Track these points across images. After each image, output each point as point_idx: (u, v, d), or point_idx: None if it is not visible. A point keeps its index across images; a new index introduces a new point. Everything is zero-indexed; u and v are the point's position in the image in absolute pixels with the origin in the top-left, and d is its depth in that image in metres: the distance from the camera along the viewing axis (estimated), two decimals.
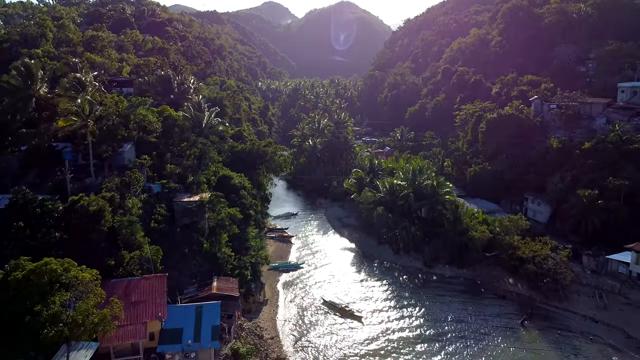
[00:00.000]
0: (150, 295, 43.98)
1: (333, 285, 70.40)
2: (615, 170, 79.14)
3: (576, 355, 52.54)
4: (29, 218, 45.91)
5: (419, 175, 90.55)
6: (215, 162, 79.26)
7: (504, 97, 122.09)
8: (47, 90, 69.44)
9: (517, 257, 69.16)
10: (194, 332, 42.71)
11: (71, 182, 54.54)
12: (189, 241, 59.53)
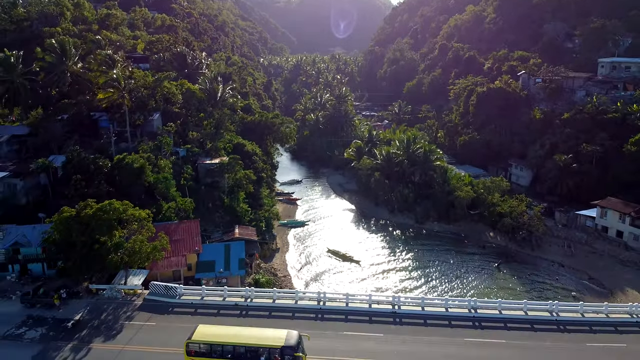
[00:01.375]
0: (188, 235, 53.65)
1: (336, 238, 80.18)
2: (589, 138, 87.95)
3: (541, 290, 62.44)
4: (83, 172, 55.15)
5: (412, 143, 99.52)
6: (230, 131, 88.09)
7: (495, 72, 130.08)
8: (80, 66, 77.86)
9: (497, 213, 78.81)
10: (224, 263, 52.58)
11: (110, 146, 63.66)
12: (212, 197, 69.00)
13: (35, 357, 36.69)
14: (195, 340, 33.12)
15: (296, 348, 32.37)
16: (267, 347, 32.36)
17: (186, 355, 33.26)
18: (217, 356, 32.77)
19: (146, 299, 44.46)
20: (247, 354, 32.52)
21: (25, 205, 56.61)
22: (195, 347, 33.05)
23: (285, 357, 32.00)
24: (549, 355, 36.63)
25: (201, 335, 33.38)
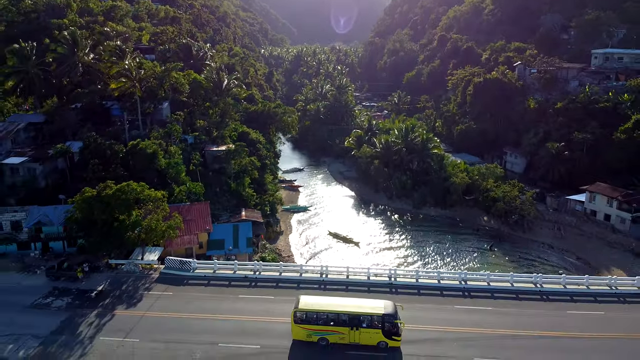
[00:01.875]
0: (199, 216, 57.23)
1: (336, 222, 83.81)
2: (581, 127, 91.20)
3: (530, 267, 66.19)
4: (100, 157, 58.63)
5: (411, 132, 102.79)
6: (235, 120, 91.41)
7: (492, 63, 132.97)
8: (92, 57, 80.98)
9: (490, 198, 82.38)
10: (233, 241, 56.26)
11: (123, 133, 67.07)
12: (219, 182, 72.55)
13: (63, 322, 40.39)
14: (302, 309, 36.14)
15: (395, 316, 35.67)
16: (369, 314, 35.66)
17: (293, 323, 36.22)
18: (321, 323, 35.82)
19: (162, 273, 48.14)
20: (349, 321, 35.68)
21: (44, 188, 60.09)
22: (302, 315, 36.00)
23: (386, 324, 35.23)
24: (532, 320, 40.33)
25: (306, 305, 36.48)
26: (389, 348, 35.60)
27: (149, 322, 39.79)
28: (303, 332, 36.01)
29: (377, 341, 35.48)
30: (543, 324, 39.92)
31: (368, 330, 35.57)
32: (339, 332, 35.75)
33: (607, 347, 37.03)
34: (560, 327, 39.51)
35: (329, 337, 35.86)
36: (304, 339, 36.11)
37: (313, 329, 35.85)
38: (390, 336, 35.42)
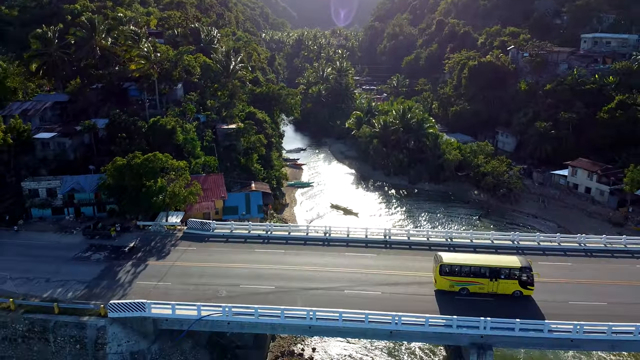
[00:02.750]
0: (214, 185, 63.49)
1: (337, 196, 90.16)
2: (568, 107, 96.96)
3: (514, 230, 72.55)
4: (124, 132, 64.65)
5: (408, 113, 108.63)
6: (242, 101, 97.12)
7: (487, 47, 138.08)
8: (110, 41, 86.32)
9: (480, 173, 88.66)
10: (246, 207, 62.63)
11: (142, 111, 72.97)
12: (229, 158, 78.58)
13: (103, 270, 46.90)
14: (447, 263, 40.99)
15: (531, 268, 40.53)
16: (508, 267, 40.65)
17: (439, 274, 41.11)
18: (464, 275, 40.71)
19: (185, 232, 54.52)
20: (490, 273, 40.61)
21: (73, 161, 66.20)
22: (446, 268, 40.98)
23: (523, 275, 40.24)
24: None
25: (450, 259, 41.52)
26: (522, 296, 40.71)
27: (178, 270, 46.32)
28: (447, 282, 41.12)
29: (513, 290, 40.57)
30: None
31: (506, 281, 40.60)
32: (479, 283, 40.84)
33: (570, 289, 43.51)
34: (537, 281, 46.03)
35: (470, 287, 40.88)
36: (446, 288, 41.21)
37: (456, 280, 40.92)
38: (525, 286, 40.57)
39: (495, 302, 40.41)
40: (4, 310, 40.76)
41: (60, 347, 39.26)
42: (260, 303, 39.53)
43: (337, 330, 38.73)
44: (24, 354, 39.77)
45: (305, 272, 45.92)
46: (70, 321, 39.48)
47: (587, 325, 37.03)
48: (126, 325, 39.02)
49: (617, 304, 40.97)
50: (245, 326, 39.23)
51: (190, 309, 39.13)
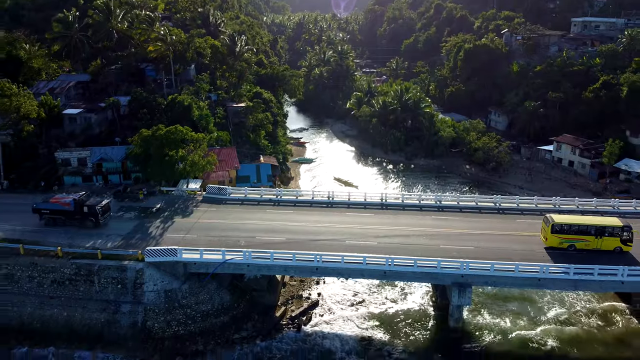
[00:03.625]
0: (228, 157, 70.02)
1: (339, 171, 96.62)
2: (556, 87, 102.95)
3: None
4: (145, 108, 70.92)
5: (405, 93, 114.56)
6: (249, 82, 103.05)
7: (483, 30, 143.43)
8: (125, 24, 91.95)
9: (472, 148, 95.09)
10: (256, 176, 69.33)
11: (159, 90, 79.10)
12: (239, 134, 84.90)
13: (135, 226, 53.73)
14: (559, 223, 47.02)
15: (631, 227, 45.97)
16: (612, 226, 46.49)
17: (550, 233, 47.04)
18: (573, 233, 46.55)
19: (205, 196, 61.18)
20: (595, 231, 46.38)
21: (98, 134, 72.65)
22: (557, 227, 46.80)
23: (625, 233, 45.84)
24: (488, 224, 53.74)
25: (561, 220, 47.54)
26: (622, 252, 46.52)
27: (201, 225, 53.17)
28: (557, 240, 47.19)
29: (614, 247, 46.34)
30: (497, 227, 53.43)
31: (609, 239, 46.31)
32: (586, 240, 46.66)
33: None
34: (510, 228, 53.06)
35: (577, 244, 46.79)
36: (556, 245, 47.33)
37: (565, 238, 46.90)
38: (625, 243, 46.22)
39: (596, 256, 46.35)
40: (53, 257, 47.64)
41: (104, 287, 46.22)
42: (275, 250, 46.46)
43: (339, 271, 45.69)
44: (71, 294, 46.71)
45: (311, 227, 52.82)
46: (112, 265, 46.39)
47: (552, 267, 43.92)
48: (160, 268, 45.90)
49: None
50: (262, 268, 46.20)
51: (215, 254, 46.00)
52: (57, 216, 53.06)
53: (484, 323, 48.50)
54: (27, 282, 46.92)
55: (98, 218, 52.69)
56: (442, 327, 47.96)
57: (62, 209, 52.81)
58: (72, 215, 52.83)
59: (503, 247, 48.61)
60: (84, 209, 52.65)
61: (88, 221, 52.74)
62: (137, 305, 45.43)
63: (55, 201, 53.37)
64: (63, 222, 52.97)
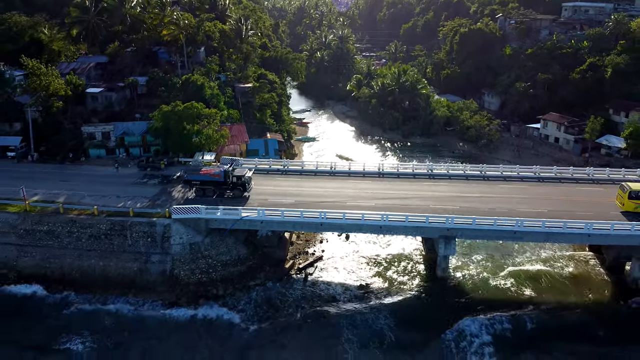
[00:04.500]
0: (238, 132, 76.21)
1: (340, 148, 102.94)
2: (545, 69, 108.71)
3: None
4: (162, 87, 76.91)
5: (403, 75, 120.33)
6: (255, 64, 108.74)
7: (479, 15, 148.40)
8: (137, 9, 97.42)
9: (465, 126, 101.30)
10: (265, 150, 75.61)
11: (173, 71, 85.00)
12: (247, 113, 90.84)
13: (160, 190, 60.27)
14: (636, 190, 52.43)
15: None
16: None
17: (627, 199, 52.48)
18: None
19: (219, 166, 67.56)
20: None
21: (118, 111, 78.72)
22: (634, 194, 52.28)
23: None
24: (474, 189, 60.32)
25: (636, 187, 52.64)
26: None
27: None
28: (633, 205, 52.77)
29: None
30: (482, 190, 59.98)
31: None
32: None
33: (521, 201, 56.85)
34: (493, 192, 59.61)
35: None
36: (631, 210, 52.83)
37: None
38: None
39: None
40: (89, 215, 54.23)
41: (135, 240, 52.89)
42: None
43: (341, 226, 52.40)
44: (106, 247, 53.39)
45: (316, 191, 59.39)
46: (143, 221, 53.02)
47: (527, 221, 50.52)
48: (185, 224, 52.50)
49: (554, 210, 54.31)
50: (274, 224, 52.82)
51: (233, 212, 52.54)
52: (207, 186, 57.09)
53: (468, 273, 55.34)
54: (67, 237, 53.58)
55: (245, 187, 57.04)
56: (430, 276, 54.82)
57: (213, 179, 56.86)
58: (221, 185, 57.18)
59: (485, 207, 55.11)
60: (232, 179, 57.10)
61: (236, 190, 57.19)
62: (166, 256, 52.18)
63: (205, 172, 57.28)
64: (212, 192, 57.37)
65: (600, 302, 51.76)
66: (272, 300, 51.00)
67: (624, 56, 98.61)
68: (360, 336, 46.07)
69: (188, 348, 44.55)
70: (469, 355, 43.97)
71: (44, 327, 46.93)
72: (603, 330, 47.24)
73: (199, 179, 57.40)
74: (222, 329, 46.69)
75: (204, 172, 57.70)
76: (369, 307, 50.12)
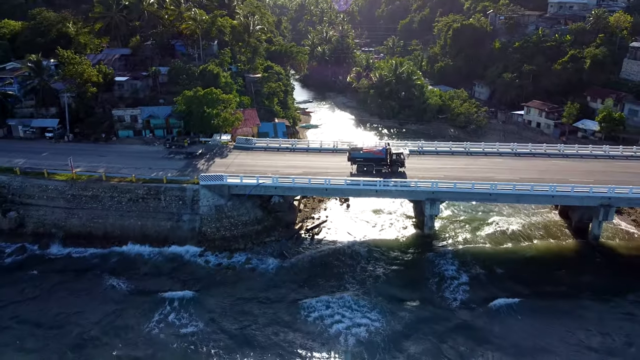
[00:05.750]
0: (250, 117, 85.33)
1: (341, 135, 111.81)
2: (531, 61, 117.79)
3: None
4: (183, 74, 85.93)
5: (399, 67, 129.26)
6: (262, 56, 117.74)
7: (471, 11, 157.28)
8: (155, 6, 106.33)
9: (456, 113, 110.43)
10: (274, 132, 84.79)
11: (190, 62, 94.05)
12: (256, 101, 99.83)
13: (185, 164, 69.38)
14: None
15: None
16: None
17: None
18: None
19: (235, 145, 76.68)
20: None
21: (142, 98, 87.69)
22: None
23: None
24: (457, 162, 69.60)
25: None
26: None
27: (236, 163, 68.93)
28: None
29: None
30: (464, 163, 69.26)
31: None
32: None
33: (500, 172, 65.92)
34: (475, 165, 68.83)
35: None
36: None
37: None
38: None
39: None
40: (128, 182, 63.39)
41: (169, 203, 62.11)
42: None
43: (343, 191, 61.70)
44: (143, 209, 62.53)
45: (321, 164, 68.61)
46: (175, 187, 62.22)
47: (500, 185, 59.71)
48: (211, 189, 61.65)
49: (525, 178, 63.43)
50: (286, 189, 61.99)
51: (251, 180, 61.69)
52: (368, 163, 63.60)
53: (451, 233, 64.70)
54: (109, 200, 62.77)
55: (404, 163, 63.75)
56: (419, 234, 64.12)
57: (375, 157, 63.44)
58: (381, 162, 63.59)
59: (467, 175, 64.28)
60: (392, 157, 63.84)
61: (394, 166, 63.79)
62: (195, 216, 61.41)
63: (368, 151, 64.24)
64: (373, 168, 63.81)
65: (565, 256, 60.90)
66: (285, 252, 60.21)
67: (602, 48, 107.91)
68: (359, 277, 55.39)
69: (222, 284, 53.88)
70: (448, 291, 53.24)
71: (94, 274, 56.12)
72: (565, 275, 56.41)
73: (363, 156, 63.94)
74: (246, 272, 56.01)
75: (367, 150, 64.31)
76: (366, 258, 59.41)
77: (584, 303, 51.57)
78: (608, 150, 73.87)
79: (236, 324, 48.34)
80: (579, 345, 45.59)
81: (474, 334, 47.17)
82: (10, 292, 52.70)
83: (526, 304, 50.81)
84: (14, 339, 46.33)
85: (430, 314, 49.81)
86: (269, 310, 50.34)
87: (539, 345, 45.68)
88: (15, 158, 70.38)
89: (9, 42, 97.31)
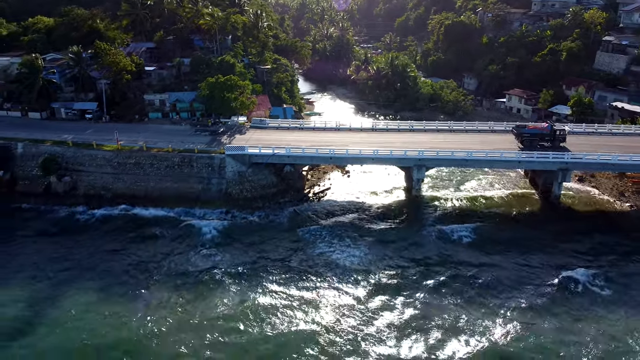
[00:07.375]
0: (262, 102, 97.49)
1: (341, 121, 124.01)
2: (514, 54, 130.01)
3: None
4: (203, 64, 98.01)
5: (395, 60, 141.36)
6: (270, 50, 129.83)
7: (463, 9, 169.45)
8: (174, 4, 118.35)
9: (445, 101, 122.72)
10: (283, 116, 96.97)
11: (208, 54, 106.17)
12: (266, 89, 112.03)
13: (210, 139, 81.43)
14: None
15: None
16: None
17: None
18: None
19: (251, 125, 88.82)
20: None
21: (168, 85, 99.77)
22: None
23: None
24: (443, 137, 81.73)
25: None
26: None
27: (254, 139, 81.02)
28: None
29: None
30: (448, 138, 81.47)
31: None
32: None
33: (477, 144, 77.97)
34: (456, 139, 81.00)
35: None
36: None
37: None
38: None
39: None
40: (165, 152, 75.52)
41: (199, 169, 74.27)
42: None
43: (345, 159, 73.93)
44: (177, 174, 74.67)
45: (326, 139, 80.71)
46: (205, 156, 74.41)
47: (475, 152, 71.90)
48: (235, 158, 73.76)
49: (499, 148, 75.19)
50: (297, 158, 74.17)
51: (267, 150, 73.85)
52: (533, 138, 70.32)
53: (435, 196, 77.11)
54: (149, 167, 74.89)
55: (565, 139, 69.95)
56: (407, 197, 76.42)
57: (541, 132, 69.98)
58: (545, 138, 70.24)
59: (448, 146, 76.39)
60: (556, 133, 69.86)
61: (557, 141, 70.41)
62: (222, 180, 73.59)
63: (533, 127, 71.93)
64: (536, 143, 70.63)
65: (529, 210, 73.09)
66: (297, 211, 72.43)
67: (577, 42, 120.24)
68: (359, 230, 67.57)
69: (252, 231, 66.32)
70: (426, 231, 65.57)
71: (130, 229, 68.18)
72: (523, 219, 68.72)
73: (530, 132, 71.25)
74: (266, 224, 68.29)
75: (533, 126, 72.04)
76: (365, 216, 71.62)
77: (531, 236, 64.42)
78: (573, 127, 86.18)
79: (257, 253, 61.22)
80: (517, 264, 58.45)
81: (440, 255, 60.90)
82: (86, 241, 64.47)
83: (484, 236, 64.39)
84: (123, 270, 58.02)
85: (410, 244, 63.36)
86: (282, 243, 63.32)
87: (488, 262, 59.03)
88: (64, 134, 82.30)
89: (45, 35, 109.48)
